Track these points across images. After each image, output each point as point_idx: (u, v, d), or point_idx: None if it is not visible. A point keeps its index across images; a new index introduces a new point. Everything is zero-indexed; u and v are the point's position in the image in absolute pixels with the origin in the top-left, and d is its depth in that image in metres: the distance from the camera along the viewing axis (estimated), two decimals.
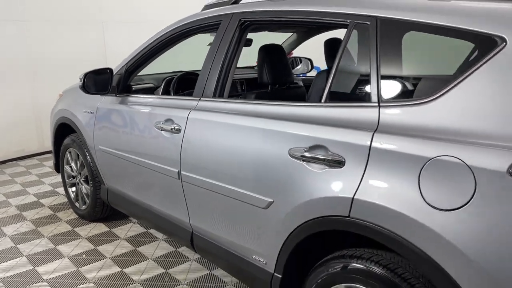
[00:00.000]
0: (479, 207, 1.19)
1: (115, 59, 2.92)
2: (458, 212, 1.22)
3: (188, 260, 2.80)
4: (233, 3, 2.24)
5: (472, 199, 1.19)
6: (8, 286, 2.52)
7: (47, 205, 3.80)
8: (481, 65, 1.28)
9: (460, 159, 1.22)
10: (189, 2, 4.51)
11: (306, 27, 3.04)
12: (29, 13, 5.15)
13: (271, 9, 1.98)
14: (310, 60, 3.96)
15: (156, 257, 2.85)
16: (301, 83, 3.13)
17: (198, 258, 2.82)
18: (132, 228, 3.30)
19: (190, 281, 2.56)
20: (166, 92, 2.99)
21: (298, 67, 4.09)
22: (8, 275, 2.64)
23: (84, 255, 2.89)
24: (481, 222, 1.19)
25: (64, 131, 3.43)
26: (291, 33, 3.41)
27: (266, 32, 3.20)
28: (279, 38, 3.52)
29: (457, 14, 1.39)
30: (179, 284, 2.53)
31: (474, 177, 1.19)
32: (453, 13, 1.40)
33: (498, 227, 1.16)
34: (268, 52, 2.31)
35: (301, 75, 3.96)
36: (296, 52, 3.88)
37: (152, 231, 3.25)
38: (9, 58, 5.07)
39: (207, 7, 2.39)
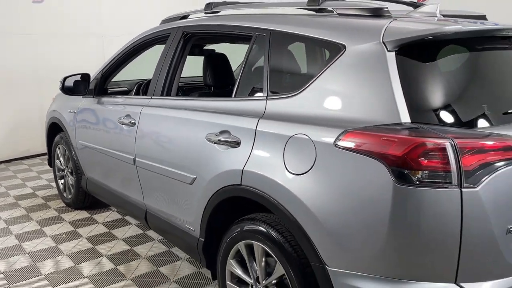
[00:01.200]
0: (318, 170, 1.58)
1: None
2: (305, 176, 1.61)
3: (152, 240, 3.21)
4: (181, 18, 2.69)
5: (314, 165, 1.59)
6: None
7: (40, 196, 4.28)
8: (328, 67, 1.68)
9: (307, 136, 1.62)
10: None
11: (230, 38, 3.26)
12: (36, 27, 5.73)
13: (205, 23, 2.42)
14: None
15: (125, 238, 3.27)
16: None
17: (162, 239, 3.23)
18: (110, 215, 3.74)
19: (149, 256, 2.97)
20: (137, 94, 3.44)
21: None
22: None
23: (64, 235, 3.33)
24: (319, 182, 1.57)
25: (55, 130, 3.91)
26: None
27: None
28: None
29: (319, 27, 1.80)
30: (140, 258, 2.94)
31: (315, 148, 1.59)
32: (316, 27, 1.81)
33: (329, 185, 1.55)
34: (211, 60, 2.73)
35: None
36: None
37: (127, 217, 3.68)
38: (18, 68, 5.65)
39: (163, 21, 2.85)
